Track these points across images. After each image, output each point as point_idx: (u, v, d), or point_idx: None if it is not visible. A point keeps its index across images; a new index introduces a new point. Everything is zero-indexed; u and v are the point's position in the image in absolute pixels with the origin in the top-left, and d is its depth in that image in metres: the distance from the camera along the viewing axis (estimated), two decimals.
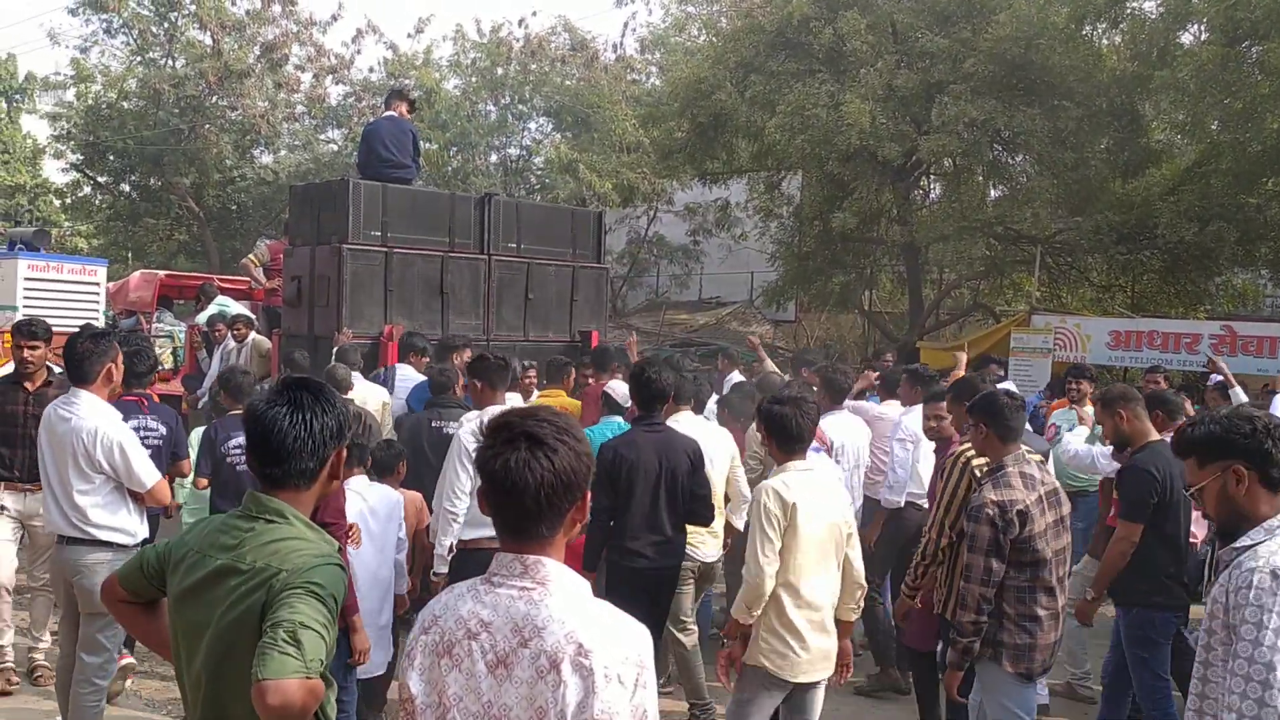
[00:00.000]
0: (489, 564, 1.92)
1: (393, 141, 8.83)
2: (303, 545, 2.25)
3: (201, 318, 10.75)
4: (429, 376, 6.87)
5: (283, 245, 9.77)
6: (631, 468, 4.88)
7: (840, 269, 18.60)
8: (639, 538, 4.92)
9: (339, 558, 2.31)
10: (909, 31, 15.51)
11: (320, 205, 8.44)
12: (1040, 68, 14.25)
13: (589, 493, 1.99)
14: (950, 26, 15.12)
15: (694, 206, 23.68)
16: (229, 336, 9.54)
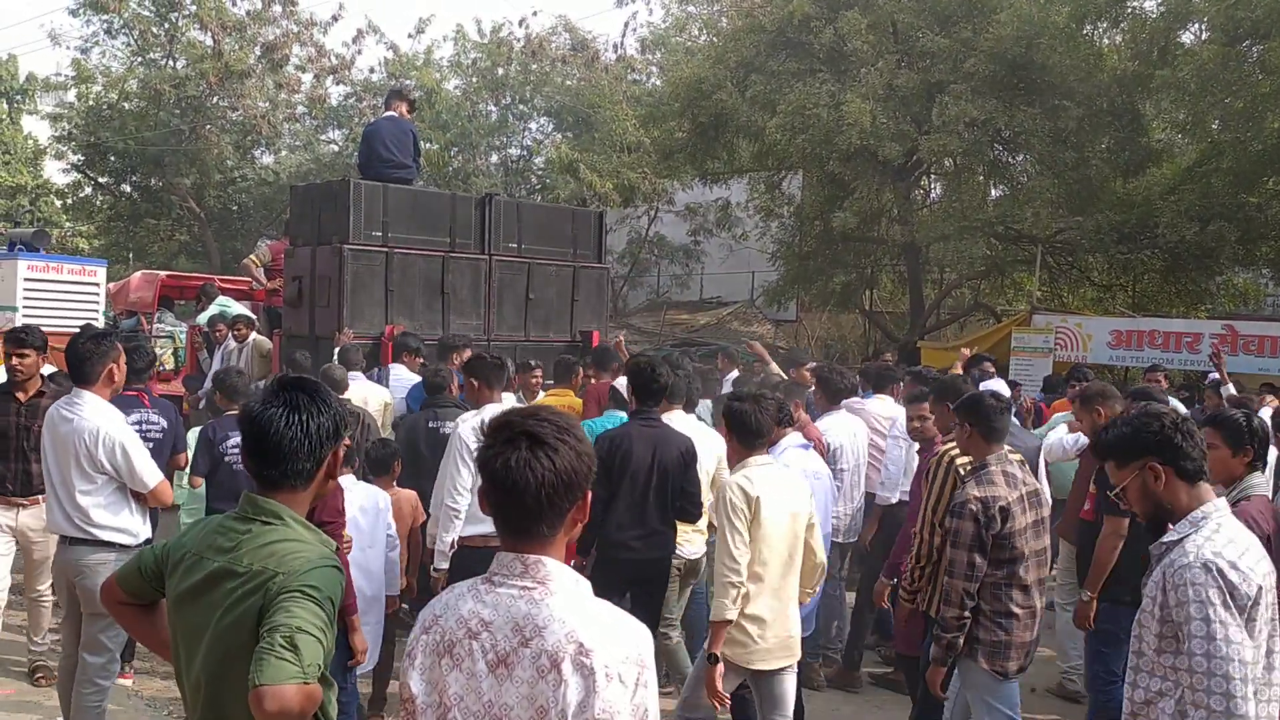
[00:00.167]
0: (489, 561, 1.92)
1: (393, 142, 8.83)
2: (299, 548, 2.24)
3: (202, 318, 10.75)
4: (423, 377, 6.87)
5: (283, 245, 9.76)
6: (623, 459, 4.91)
7: (841, 269, 18.60)
8: (625, 529, 4.95)
9: (336, 559, 2.30)
10: (910, 31, 15.50)
11: (321, 206, 8.43)
12: (1041, 67, 14.24)
13: (590, 492, 1.99)
14: (951, 26, 15.12)
15: (695, 206, 23.69)
16: (230, 337, 9.53)
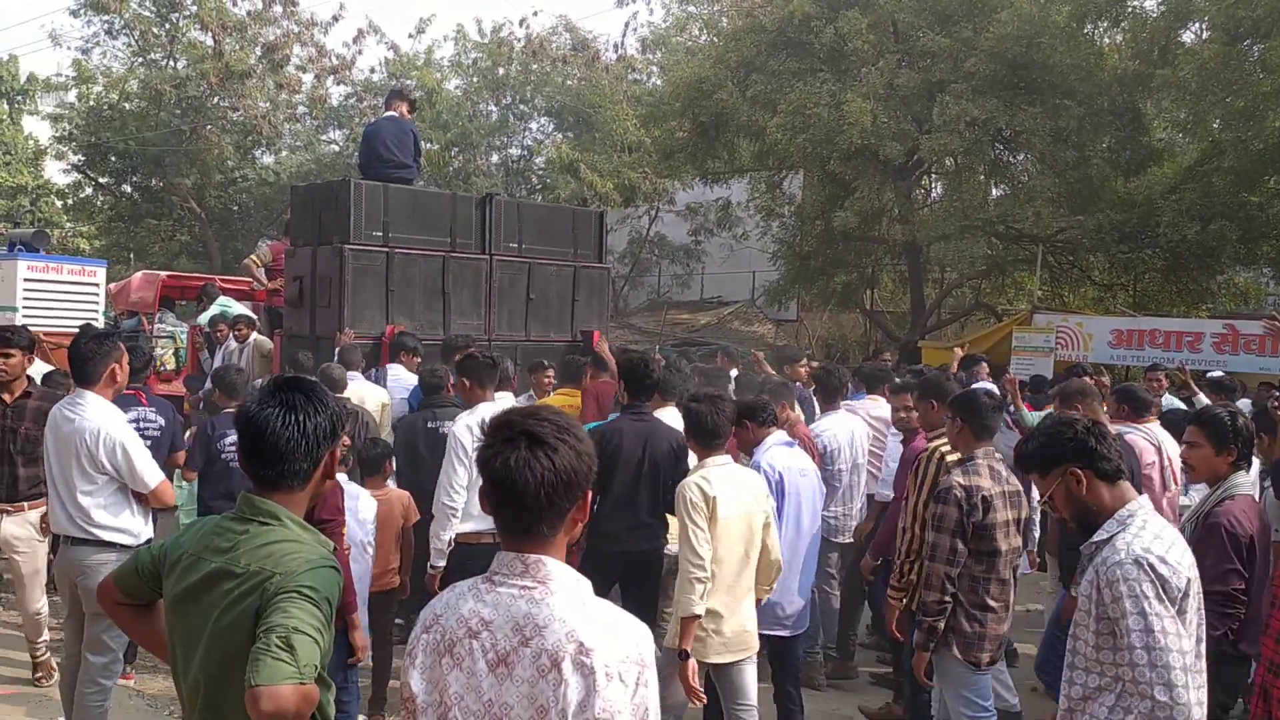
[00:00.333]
0: (486, 558, 1.92)
1: (394, 142, 8.82)
2: (297, 548, 2.24)
3: (203, 318, 10.73)
4: (420, 377, 6.87)
5: (284, 246, 9.76)
6: (613, 452, 4.97)
7: (842, 268, 18.61)
8: (614, 522, 5.02)
9: (333, 559, 2.29)
10: (910, 30, 15.51)
11: (322, 206, 8.43)
12: (1041, 66, 14.25)
13: (590, 492, 1.99)
14: (951, 25, 15.12)
15: (695, 206, 23.70)
16: (230, 337, 9.53)
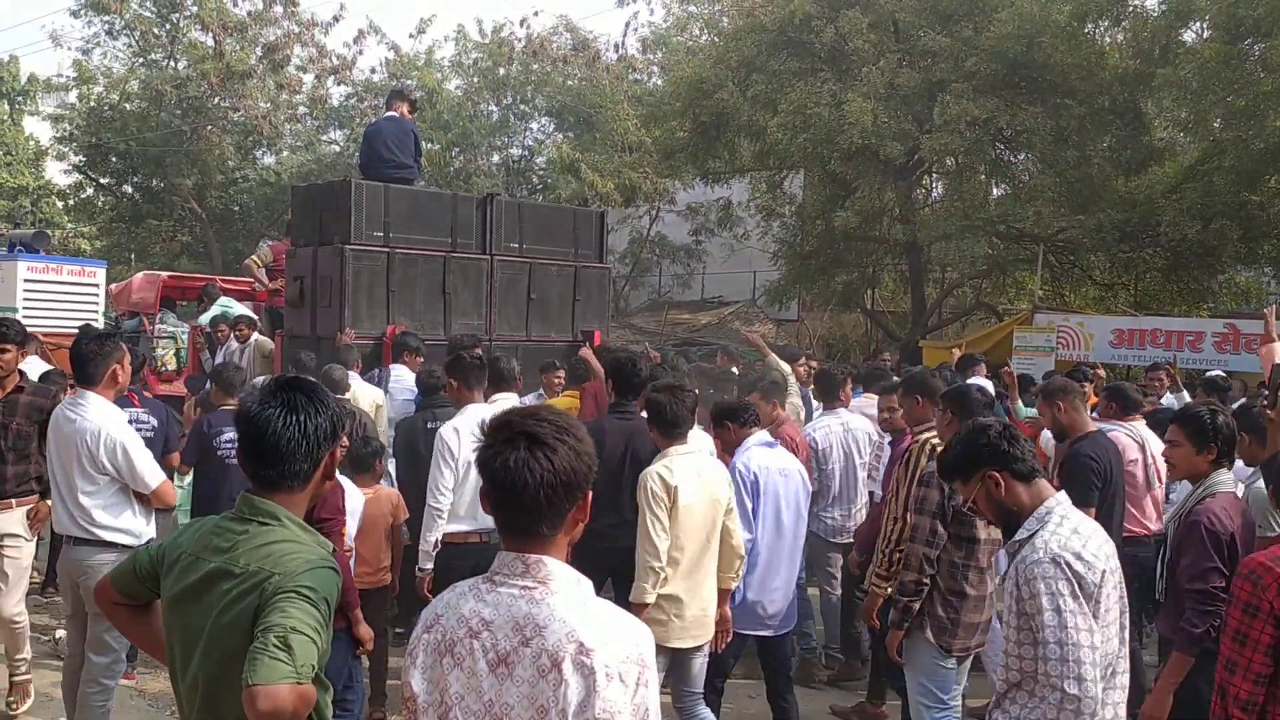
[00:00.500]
0: (473, 558, 1.92)
1: (394, 142, 8.82)
2: (296, 548, 2.24)
3: (204, 319, 10.74)
4: (418, 378, 6.86)
5: (285, 246, 9.77)
6: (595, 450, 4.96)
7: (843, 268, 18.59)
8: (598, 518, 5.00)
9: (332, 560, 2.29)
10: (911, 30, 15.50)
11: (322, 206, 8.43)
12: (1042, 66, 14.24)
13: (590, 492, 1.99)
14: (952, 25, 15.11)
15: (696, 206, 23.70)
16: (231, 337, 9.53)
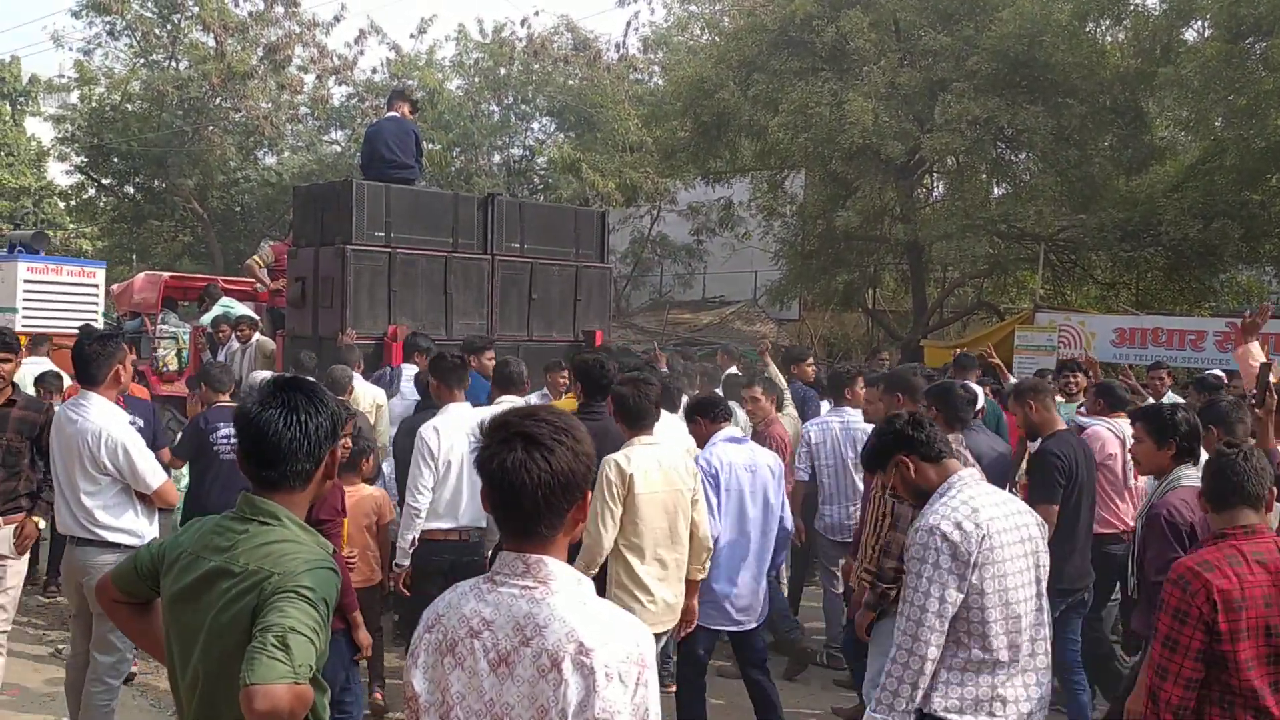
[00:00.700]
0: (450, 553, 1.91)
1: (395, 142, 8.84)
2: (295, 548, 2.24)
3: (206, 319, 10.75)
4: (416, 379, 6.89)
5: (286, 246, 9.78)
6: None
7: (844, 267, 18.58)
8: None
9: (332, 561, 2.29)
10: (912, 29, 15.49)
11: (324, 206, 8.44)
12: (1043, 65, 14.22)
13: (590, 491, 1.99)
14: (953, 24, 15.10)
15: (697, 206, 23.68)
16: (233, 338, 9.55)
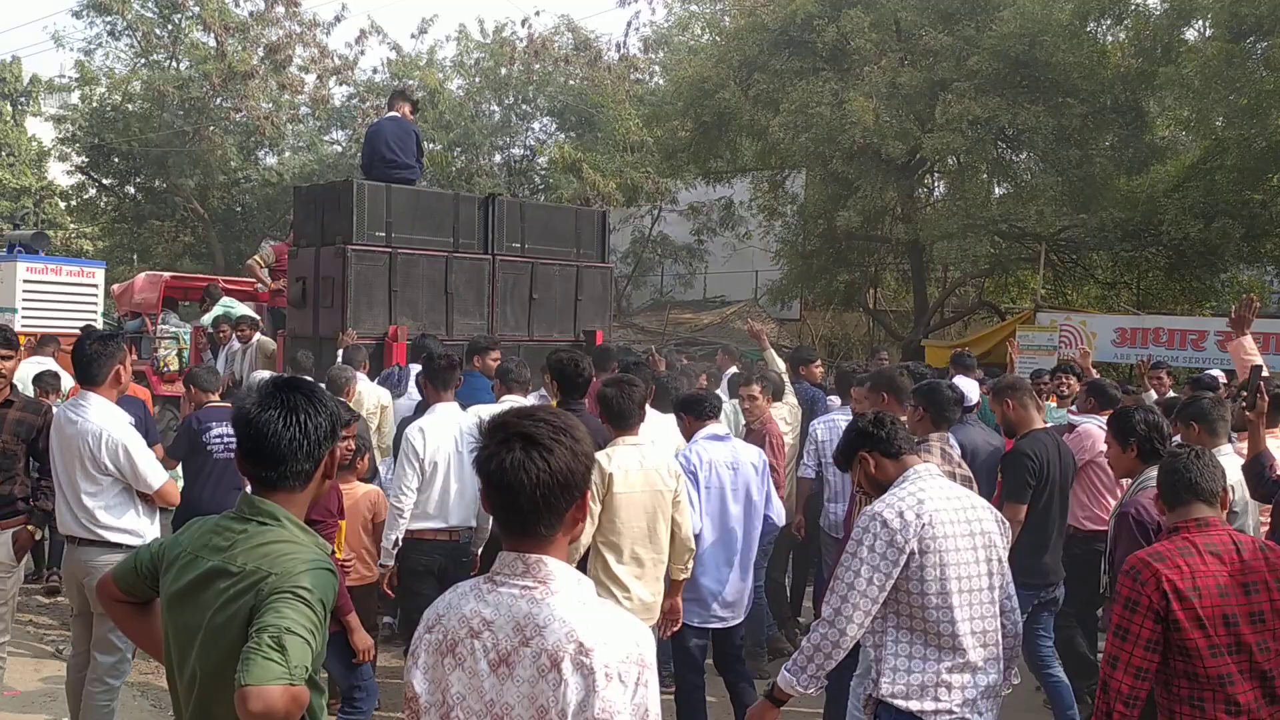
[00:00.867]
0: (440, 552, 1.90)
1: (396, 142, 8.83)
2: (293, 549, 2.24)
3: (206, 319, 10.75)
4: (416, 380, 6.88)
5: (287, 246, 9.78)
6: None
7: (845, 267, 18.58)
8: None
9: (329, 561, 2.29)
10: (913, 29, 15.48)
11: (324, 206, 8.44)
12: (1044, 65, 14.22)
13: (589, 491, 1.99)
14: (954, 24, 15.10)
15: (698, 205, 23.68)
16: (234, 338, 9.54)
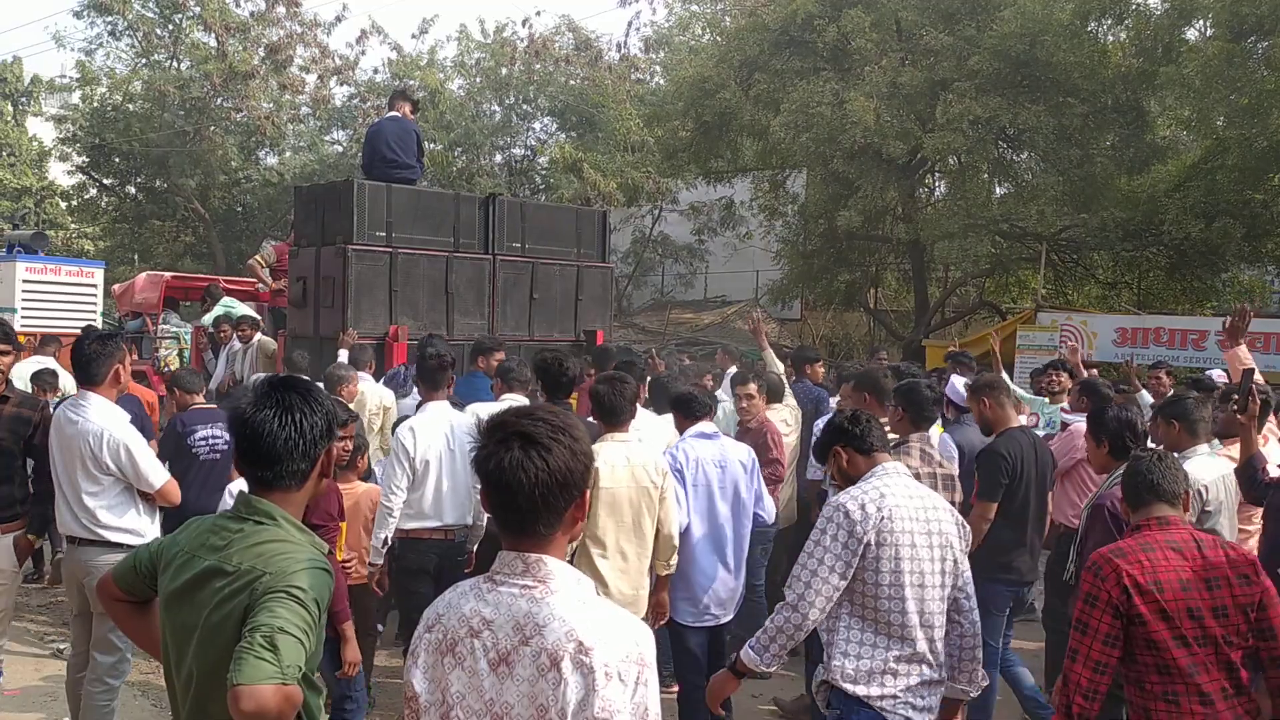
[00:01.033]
0: (433, 551, 1.90)
1: (397, 142, 8.84)
2: (289, 548, 2.23)
3: (207, 319, 10.74)
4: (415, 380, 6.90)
5: (288, 246, 9.78)
6: None
7: (845, 267, 18.58)
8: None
9: (326, 561, 2.29)
10: (913, 29, 15.48)
11: (325, 206, 8.44)
12: (1045, 64, 14.21)
13: (588, 490, 1.99)
14: (955, 23, 15.09)
15: (699, 205, 23.69)
16: (234, 338, 9.54)
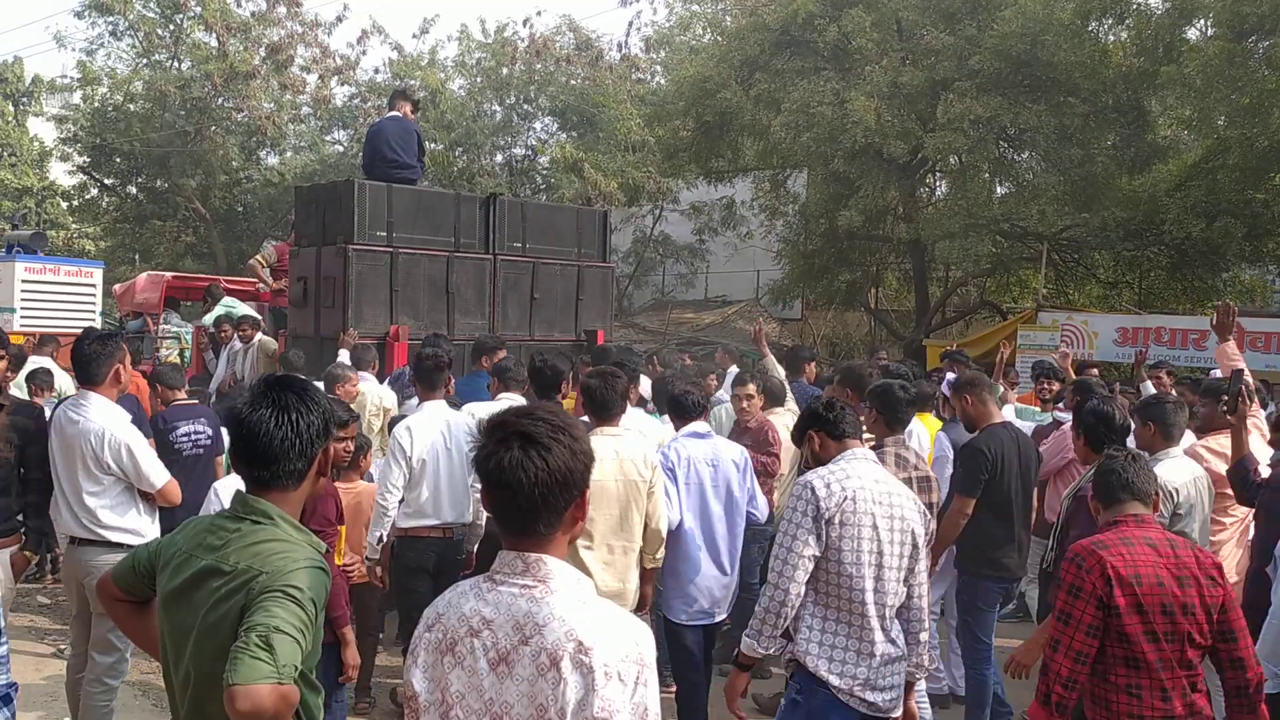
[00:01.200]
0: (429, 549, 1.90)
1: (397, 142, 8.84)
2: (286, 548, 2.23)
3: (208, 319, 10.74)
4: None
5: (289, 246, 9.78)
6: None
7: (846, 267, 18.57)
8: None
9: (323, 561, 2.29)
10: (914, 28, 15.48)
11: (326, 206, 8.44)
12: (1046, 64, 14.20)
13: (588, 490, 1.99)
14: (956, 23, 15.09)
15: (699, 205, 23.69)
16: (235, 337, 9.54)
